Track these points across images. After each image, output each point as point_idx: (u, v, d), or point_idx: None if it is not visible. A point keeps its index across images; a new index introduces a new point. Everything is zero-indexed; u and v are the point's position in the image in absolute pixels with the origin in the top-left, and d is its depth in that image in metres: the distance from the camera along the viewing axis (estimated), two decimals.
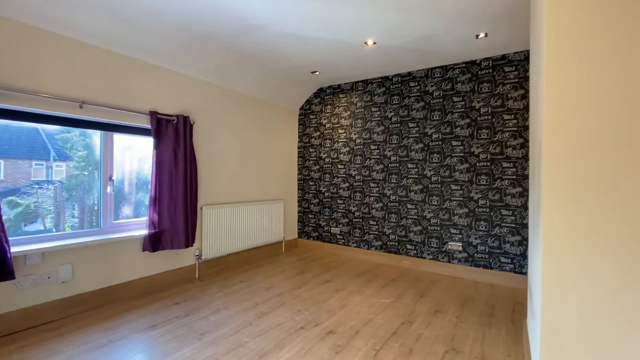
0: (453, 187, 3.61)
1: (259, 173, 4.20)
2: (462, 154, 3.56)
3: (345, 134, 4.41)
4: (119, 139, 2.88)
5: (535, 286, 1.58)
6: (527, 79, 3.22)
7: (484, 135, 3.44)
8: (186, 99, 3.27)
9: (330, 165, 4.55)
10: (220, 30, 2.81)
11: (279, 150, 4.55)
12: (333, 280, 3.31)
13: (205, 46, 3.06)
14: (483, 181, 3.44)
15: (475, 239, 3.48)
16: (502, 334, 2.26)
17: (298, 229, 4.89)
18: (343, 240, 4.41)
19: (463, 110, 3.56)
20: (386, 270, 3.74)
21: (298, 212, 4.90)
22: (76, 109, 2.46)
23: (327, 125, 4.58)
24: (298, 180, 4.91)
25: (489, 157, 3.41)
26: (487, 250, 3.42)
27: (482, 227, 3.44)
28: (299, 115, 4.90)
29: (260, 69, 3.74)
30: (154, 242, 2.90)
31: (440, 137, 3.70)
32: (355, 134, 4.32)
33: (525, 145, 3.22)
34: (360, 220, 4.26)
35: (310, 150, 4.76)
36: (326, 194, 4.58)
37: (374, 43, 3.12)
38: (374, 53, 3.38)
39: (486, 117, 3.43)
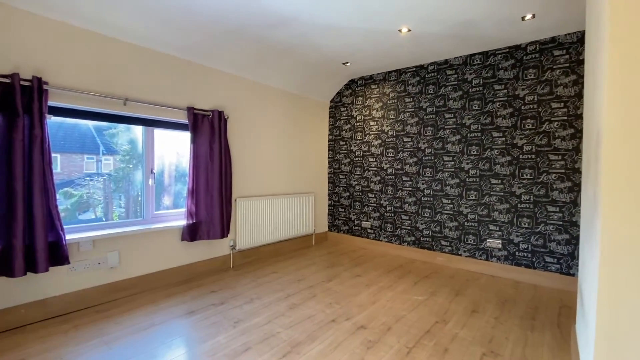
0: (493, 181, 3.41)
1: (290, 166, 4.23)
2: (504, 146, 3.34)
3: (377, 126, 4.31)
4: (159, 133, 3.02)
5: (588, 289, 1.44)
6: (580, 63, 2.93)
7: (528, 125, 3.20)
8: (220, 94, 3.36)
9: (361, 159, 4.48)
10: (253, 23, 2.83)
11: (310, 143, 4.56)
12: (364, 275, 3.28)
13: (238, 41, 3.10)
14: (527, 175, 3.21)
15: (517, 236, 3.27)
16: (546, 338, 2.11)
17: (328, 222, 4.89)
18: (374, 235, 4.35)
19: (505, 99, 3.33)
20: (419, 266, 3.64)
21: (328, 206, 4.89)
22: (120, 106, 2.60)
23: (358, 118, 4.50)
24: (328, 173, 4.89)
25: (534, 149, 3.17)
26: (529, 248, 3.20)
27: (524, 224, 3.23)
28: (330, 108, 4.86)
29: (292, 62, 3.73)
30: (191, 232, 3.03)
31: (479, 128, 3.49)
32: (387, 126, 4.20)
33: (576, 136, 2.95)
34: (392, 214, 4.17)
35: (341, 143, 4.72)
36: (357, 187, 4.53)
37: (409, 30, 2.99)
38: (408, 41, 3.24)
39: (531, 106, 3.18)
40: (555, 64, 3.06)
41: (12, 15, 2.08)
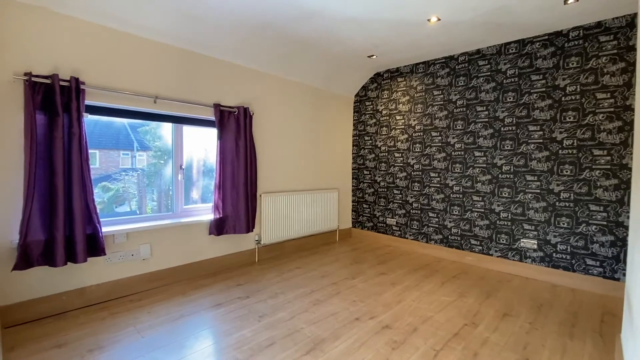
0: (529, 177, 3.21)
1: (313, 162, 4.22)
2: (541, 140, 3.13)
3: (403, 121, 4.19)
4: (187, 130, 3.10)
5: (637, 295, 1.32)
6: (630, 49, 2.68)
7: (569, 117, 2.98)
8: (246, 91, 3.39)
9: (386, 154, 4.38)
10: (278, 19, 2.81)
11: (334, 138, 4.51)
12: (389, 273, 3.22)
13: (263, 37, 3.10)
14: (567, 171, 3.00)
15: (555, 236, 3.07)
16: (587, 347, 1.97)
17: (352, 218, 4.85)
18: (399, 232, 4.26)
19: (544, 89, 3.12)
20: (447, 265, 3.52)
21: (352, 202, 4.84)
22: (151, 104, 2.69)
23: (384, 112, 4.40)
24: (352, 169, 4.83)
25: (575, 144, 2.95)
26: (569, 250, 3.00)
27: (563, 224, 3.02)
28: (354, 103, 4.78)
29: (316, 57, 3.69)
30: (218, 227, 3.10)
31: (514, 122, 3.30)
32: (414, 120, 4.07)
33: (624, 129, 2.71)
34: (419, 211, 4.05)
35: (366, 138, 4.63)
36: (382, 183, 4.44)
37: (438, 19, 2.86)
38: (438, 31, 3.10)
39: (573, 97, 2.96)
40: (601, 51, 2.81)
41: (52, 18, 2.19)
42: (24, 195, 2.04)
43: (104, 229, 2.44)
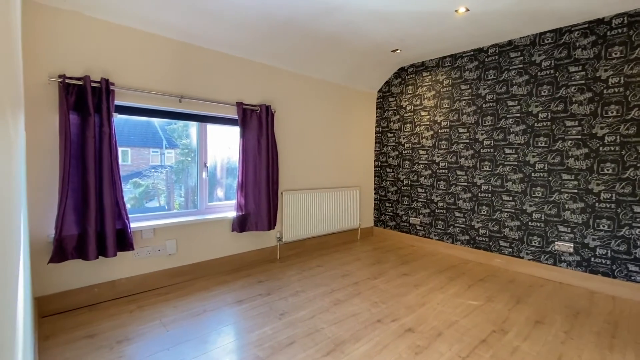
0: (565, 176, 3.01)
1: (335, 159, 4.18)
2: (580, 137, 2.92)
3: (428, 117, 4.05)
4: (211, 129, 3.15)
5: None
6: None
7: (612, 112, 2.75)
8: (267, 89, 3.39)
9: (410, 151, 4.26)
10: (299, 14, 2.78)
11: (356, 136, 4.45)
12: (412, 274, 3.14)
13: (284, 34, 3.08)
14: (608, 170, 2.78)
15: (594, 239, 2.87)
16: None
17: (374, 217, 4.77)
18: (423, 232, 4.14)
19: (583, 82, 2.90)
20: (473, 268, 3.39)
21: (374, 200, 4.76)
22: (176, 103, 2.75)
23: (408, 108, 4.27)
24: (375, 167, 4.74)
25: (618, 140, 2.73)
26: (609, 254, 2.79)
27: (603, 226, 2.81)
28: (377, 99, 4.68)
29: (338, 53, 3.64)
30: (241, 224, 3.14)
31: (549, 117, 3.10)
32: (440, 116, 3.93)
33: None
34: (444, 211, 3.92)
35: (389, 135, 4.53)
36: (405, 181, 4.33)
37: (467, 10, 2.72)
38: (466, 22, 2.96)
39: (616, 90, 2.73)
40: None
41: (83, 21, 2.28)
42: (58, 192, 2.14)
43: (132, 225, 2.53)
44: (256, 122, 3.17)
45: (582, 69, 2.91)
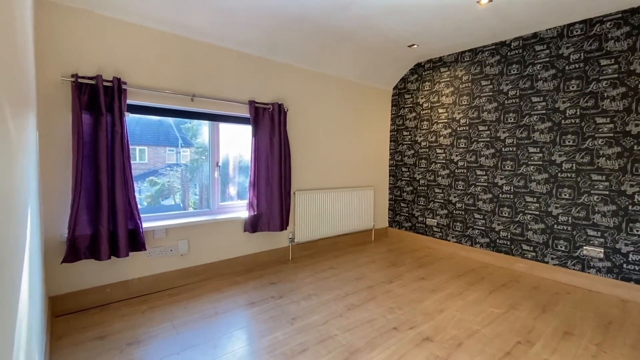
0: (595, 177, 2.83)
1: (349, 158, 4.08)
2: (612, 135, 2.73)
3: (446, 114, 3.90)
4: (224, 128, 3.11)
5: None
6: None
7: None
8: (280, 87, 3.33)
9: (427, 150, 4.12)
10: (313, 10, 2.70)
11: (370, 134, 4.33)
12: (429, 278, 3.02)
13: (297, 30, 3.01)
14: None
15: (627, 244, 2.68)
16: None
17: (389, 217, 4.65)
18: (440, 234, 4.00)
19: (615, 76, 2.70)
20: (494, 272, 3.23)
21: (389, 200, 4.64)
22: (188, 102, 2.71)
23: (425, 105, 4.13)
24: (390, 166, 4.62)
25: None
26: None
27: (637, 230, 2.62)
28: (393, 96, 4.55)
29: (352, 49, 3.53)
30: (253, 224, 3.09)
31: (577, 113, 2.91)
32: (459, 113, 3.77)
33: None
34: (463, 212, 3.76)
35: (404, 133, 4.40)
36: (421, 181, 4.19)
37: (489, 1, 2.58)
38: (488, 13, 2.81)
39: None
40: None
41: (96, 20, 2.26)
42: (72, 191, 2.14)
43: (145, 225, 2.52)
44: (268, 121, 3.11)
45: (615, 62, 2.71)
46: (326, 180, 3.83)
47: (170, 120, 2.95)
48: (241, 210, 3.21)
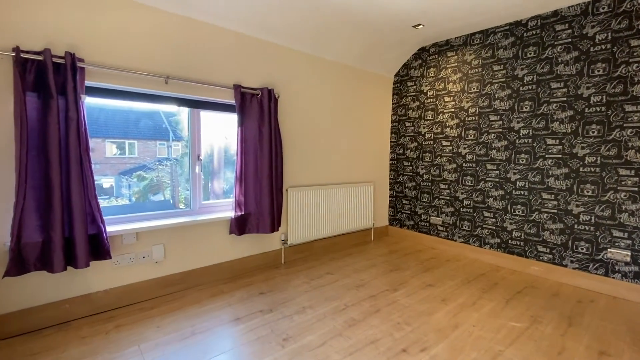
0: (622, 171, 2.53)
1: (347, 151, 3.74)
2: None
3: (453, 103, 3.57)
4: (206, 116, 2.74)
5: None
6: None
7: None
8: (270, 70, 2.95)
9: (431, 142, 3.80)
10: None
11: (370, 125, 3.99)
12: (437, 285, 2.71)
13: (290, 7, 2.63)
14: None
15: None
16: None
17: (389, 215, 4.33)
18: (446, 233, 3.69)
19: None
20: (507, 276, 2.94)
21: (390, 197, 4.32)
22: (161, 85, 2.33)
23: (429, 93, 3.79)
24: (390, 159, 4.29)
25: None
26: None
27: None
28: (394, 83, 4.20)
29: (352, 29, 3.16)
30: (240, 225, 2.74)
31: (603, 100, 2.60)
32: (467, 102, 3.44)
33: None
34: (471, 210, 3.46)
35: (407, 124, 4.06)
36: (425, 176, 3.87)
37: None
38: None
39: None
40: None
41: None
42: (15, 190, 1.76)
43: (111, 229, 2.15)
44: (257, 108, 2.74)
45: None
46: (322, 176, 3.49)
47: (161, 112, 2.70)
48: (226, 209, 2.86)
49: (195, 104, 2.59)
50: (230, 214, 2.75)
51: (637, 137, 2.46)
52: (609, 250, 2.61)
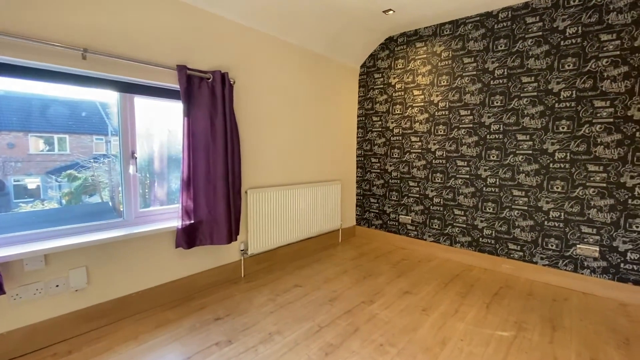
0: (591, 167, 2.52)
1: (312, 148, 3.40)
2: (612, 120, 2.42)
3: (422, 96, 3.40)
4: (143, 104, 2.22)
5: None
6: None
7: None
8: (223, 50, 2.50)
9: (400, 138, 3.61)
10: None
11: (337, 118, 3.69)
12: (414, 291, 2.50)
13: None
14: None
15: (624, 242, 2.42)
16: None
17: (357, 214, 4.10)
18: (415, 232, 3.54)
19: (617, 53, 2.38)
20: (480, 276, 2.84)
21: (357, 195, 4.08)
22: (78, 61, 1.79)
23: (398, 86, 3.59)
24: (357, 156, 4.04)
25: None
26: None
27: (637, 227, 2.36)
28: (360, 75, 3.94)
29: (318, 12, 2.81)
30: (189, 237, 2.27)
31: (573, 95, 2.57)
32: (437, 96, 3.29)
33: None
34: (441, 208, 3.33)
35: (374, 119, 3.83)
36: (394, 173, 3.68)
37: None
38: None
39: None
40: None
41: None
42: None
43: (5, 252, 1.58)
44: (208, 95, 2.28)
45: (617, 37, 2.38)
46: (286, 175, 3.11)
47: (97, 103, 2.20)
48: (172, 218, 2.37)
49: (127, 88, 2.06)
50: (176, 223, 2.26)
51: (605, 133, 2.45)
52: (578, 246, 2.61)
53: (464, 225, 3.19)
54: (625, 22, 2.35)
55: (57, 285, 1.78)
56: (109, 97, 2.12)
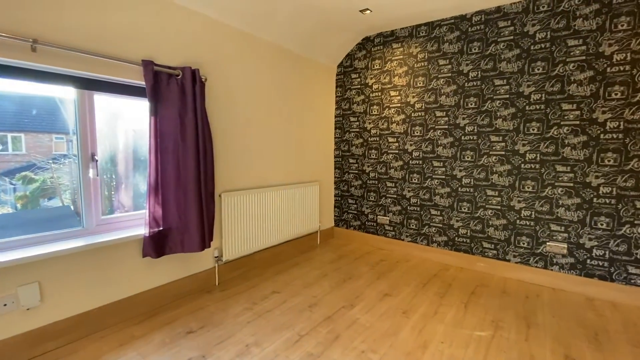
0: (560, 168, 2.62)
1: (290, 148, 3.31)
2: (578, 122, 2.53)
3: (399, 97, 3.40)
4: (105, 102, 2.04)
5: None
6: None
7: (616, 94, 2.38)
8: (194, 46, 2.36)
9: (377, 138, 3.60)
10: None
11: (314, 118, 3.62)
12: (394, 293, 2.49)
13: None
14: (609, 161, 2.43)
15: (590, 239, 2.53)
16: None
17: (335, 216, 4.05)
18: (393, 233, 3.55)
19: (583, 58, 2.48)
20: (457, 275, 2.88)
21: (335, 196, 4.03)
22: (26, 53, 1.60)
23: (375, 87, 3.58)
24: (335, 157, 4.00)
25: (622, 127, 2.38)
26: (607, 256, 2.47)
27: (602, 224, 2.48)
28: (337, 75, 3.90)
29: (294, 8, 2.73)
30: (157, 245, 2.12)
31: (543, 98, 2.65)
32: (414, 97, 3.31)
33: None
34: (418, 208, 3.35)
35: (351, 119, 3.80)
36: (371, 174, 3.67)
37: None
38: None
39: (622, 68, 2.35)
40: None
41: None
42: None
43: None
44: (177, 93, 2.13)
45: (583, 43, 2.48)
46: (262, 177, 3.01)
47: (56, 98, 1.97)
48: (139, 225, 2.20)
49: (86, 84, 1.88)
50: (143, 230, 2.10)
51: (572, 134, 2.55)
52: (547, 243, 2.70)
53: (440, 225, 3.23)
54: (590, 29, 2.45)
55: (5, 305, 1.59)
56: (69, 94, 1.92)
